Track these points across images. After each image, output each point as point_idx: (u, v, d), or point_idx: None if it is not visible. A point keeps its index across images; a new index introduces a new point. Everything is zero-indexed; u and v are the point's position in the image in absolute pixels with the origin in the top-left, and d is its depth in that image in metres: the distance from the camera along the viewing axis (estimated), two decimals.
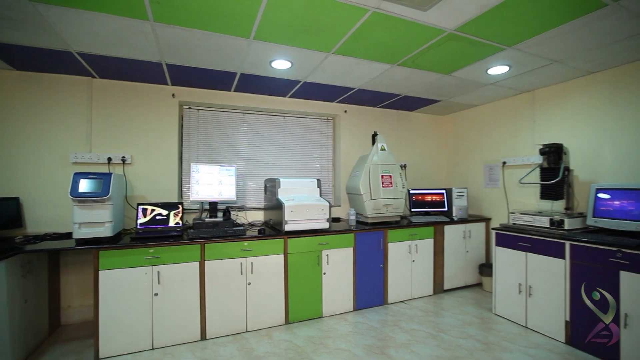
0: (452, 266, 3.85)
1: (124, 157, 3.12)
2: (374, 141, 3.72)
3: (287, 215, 2.93)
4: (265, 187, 3.59)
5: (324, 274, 3.13)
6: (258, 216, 3.70)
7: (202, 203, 3.36)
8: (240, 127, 3.77)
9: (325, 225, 3.11)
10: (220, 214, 3.31)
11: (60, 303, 2.96)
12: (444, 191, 4.11)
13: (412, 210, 3.97)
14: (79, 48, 2.43)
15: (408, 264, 3.57)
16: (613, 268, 2.32)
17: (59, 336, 2.76)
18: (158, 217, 2.89)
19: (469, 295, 3.75)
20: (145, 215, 2.85)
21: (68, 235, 2.72)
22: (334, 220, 3.80)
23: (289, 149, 4.00)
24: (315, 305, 3.10)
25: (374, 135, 3.76)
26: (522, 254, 2.94)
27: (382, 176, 3.49)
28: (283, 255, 2.96)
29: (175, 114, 3.37)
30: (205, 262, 2.69)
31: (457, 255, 3.88)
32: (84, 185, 2.46)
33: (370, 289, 3.37)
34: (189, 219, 3.36)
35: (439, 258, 3.76)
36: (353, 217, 3.40)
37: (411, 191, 4.03)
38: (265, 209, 3.66)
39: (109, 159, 3.07)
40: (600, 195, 2.69)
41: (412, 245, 3.58)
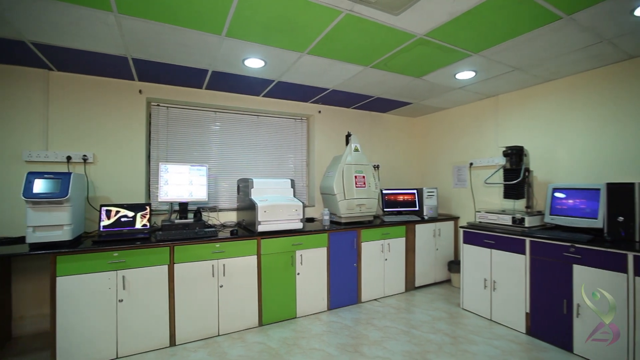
0: (423, 264, 3.97)
1: (85, 156, 2.93)
2: (347, 142, 3.76)
3: (261, 216, 2.89)
4: (238, 188, 3.52)
5: (298, 274, 3.12)
6: (231, 217, 3.62)
7: (172, 204, 3.23)
8: (212, 126, 3.67)
9: (299, 225, 3.11)
10: (191, 215, 3.21)
11: (11, 314, 2.73)
12: (415, 191, 4.23)
13: (385, 209, 4.06)
14: (34, 38, 2.25)
15: (381, 262, 3.64)
16: (567, 262, 2.49)
17: (10, 350, 2.54)
18: (123, 219, 2.75)
19: (438, 291, 3.88)
20: (109, 217, 2.70)
21: (21, 239, 2.51)
22: (308, 220, 3.80)
23: (263, 148, 3.95)
24: (289, 306, 3.08)
25: (348, 136, 3.80)
26: (487, 251, 3.10)
27: (356, 176, 3.53)
28: (256, 257, 2.92)
29: (143, 111, 3.22)
30: (175, 265, 2.59)
31: (428, 253, 4.01)
32: (39, 186, 2.29)
33: (344, 288, 3.40)
34: (158, 220, 3.22)
35: (410, 256, 3.86)
36: (327, 217, 3.42)
37: (384, 191, 4.11)
38: (238, 209, 3.59)
39: (69, 158, 2.87)
40: (557, 194, 2.89)
41: (385, 244, 3.66)
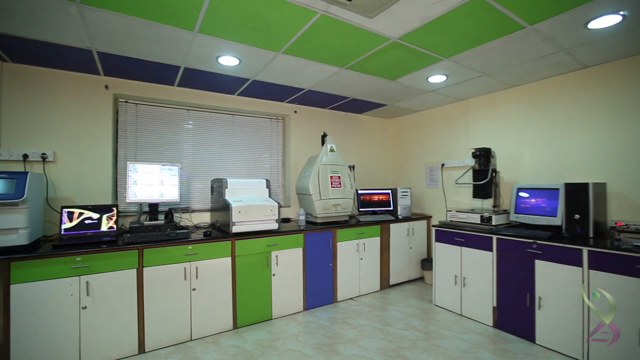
0: (397, 262, 4.06)
1: (44, 154, 2.75)
2: (323, 142, 3.77)
3: (235, 217, 2.84)
4: (211, 188, 3.44)
5: (274, 275, 3.09)
6: (204, 218, 3.53)
7: (141, 205, 3.10)
8: (184, 125, 3.56)
9: (274, 226, 3.08)
10: (162, 217, 3.09)
11: None
12: (389, 191, 4.32)
13: (360, 209, 4.11)
14: None
15: (356, 262, 3.68)
16: (530, 257, 2.64)
17: None
18: (87, 222, 2.60)
19: (412, 288, 3.99)
20: (71, 220, 2.55)
21: None
22: (284, 220, 3.77)
23: (237, 148, 3.87)
24: (264, 308, 3.05)
25: (324, 136, 3.82)
26: (458, 249, 3.22)
27: (331, 177, 3.55)
28: (230, 258, 2.86)
29: (109, 108, 3.06)
30: (144, 269, 2.49)
31: (402, 251, 4.10)
32: None
33: (320, 288, 3.41)
34: (126, 222, 3.08)
35: (385, 255, 3.94)
36: (303, 218, 3.42)
37: (359, 191, 4.16)
38: (212, 210, 3.50)
39: (25, 156, 2.67)
40: (521, 194, 3.05)
41: (360, 243, 3.70)
